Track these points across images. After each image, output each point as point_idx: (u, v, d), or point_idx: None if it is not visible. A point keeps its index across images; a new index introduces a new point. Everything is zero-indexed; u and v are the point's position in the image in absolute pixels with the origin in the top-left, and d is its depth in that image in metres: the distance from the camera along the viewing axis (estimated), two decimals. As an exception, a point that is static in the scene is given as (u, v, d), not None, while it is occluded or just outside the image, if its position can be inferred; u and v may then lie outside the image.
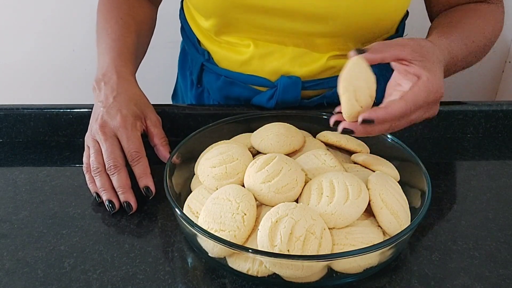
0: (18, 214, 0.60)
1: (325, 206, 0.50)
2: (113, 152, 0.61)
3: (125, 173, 0.61)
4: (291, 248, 0.46)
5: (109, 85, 0.67)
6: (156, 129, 0.66)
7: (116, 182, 0.61)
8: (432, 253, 0.54)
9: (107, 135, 0.62)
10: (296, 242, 0.47)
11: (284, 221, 0.48)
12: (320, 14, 0.68)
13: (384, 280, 0.51)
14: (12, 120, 0.74)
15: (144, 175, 0.62)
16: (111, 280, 0.51)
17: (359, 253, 0.46)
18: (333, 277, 0.50)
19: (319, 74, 0.76)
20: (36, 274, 0.52)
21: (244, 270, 0.49)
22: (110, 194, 0.60)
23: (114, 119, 0.63)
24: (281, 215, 0.48)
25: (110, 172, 0.61)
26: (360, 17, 0.68)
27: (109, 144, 0.62)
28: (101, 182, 0.61)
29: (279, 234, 0.47)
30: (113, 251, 0.55)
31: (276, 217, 0.48)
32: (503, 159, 0.72)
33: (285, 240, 0.46)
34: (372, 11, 0.68)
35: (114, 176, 0.61)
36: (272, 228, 0.47)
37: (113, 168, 0.61)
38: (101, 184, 0.61)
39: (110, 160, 0.61)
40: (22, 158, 0.72)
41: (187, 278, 0.51)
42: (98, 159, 0.62)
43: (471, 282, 0.51)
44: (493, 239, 0.56)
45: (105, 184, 0.61)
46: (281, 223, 0.47)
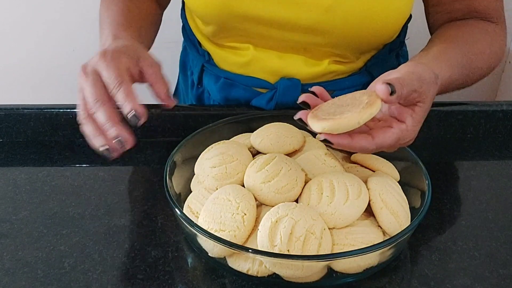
0: (18, 214, 0.60)
1: (325, 206, 0.50)
2: (94, 86, 0.54)
3: (111, 107, 0.53)
4: (291, 248, 0.46)
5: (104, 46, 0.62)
6: (152, 68, 0.58)
7: (101, 117, 0.53)
8: (432, 253, 0.54)
9: (87, 74, 0.56)
10: (296, 242, 0.47)
11: (284, 221, 0.48)
12: (316, 27, 0.68)
13: (384, 280, 0.51)
14: (12, 120, 0.74)
15: (128, 99, 0.53)
16: (111, 280, 0.51)
17: (359, 253, 0.46)
18: (333, 277, 0.50)
19: (319, 78, 0.75)
20: (36, 274, 0.52)
21: (244, 270, 0.49)
22: (118, 128, 0.52)
23: (95, 57, 0.57)
24: (281, 215, 0.48)
25: (93, 109, 0.53)
26: (358, 30, 0.68)
27: (90, 81, 0.55)
28: (104, 115, 0.53)
29: (279, 234, 0.47)
30: (113, 251, 0.55)
31: (276, 217, 0.48)
32: (503, 159, 0.72)
33: (285, 240, 0.46)
34: (370, 24, 0.68)
35: (98, 112, 0.53)
36: (272, 228, 0.47)
37: (95, 103, 0.53)
38: (106, 117, 0.52)
39: (90, 97, 0.53)
40: (22, 158, 0.72)
41: (187, 278, 0.51)
42: (88, 96, 0.54)
43: (471, 282, 0.51)
44: (493, 239, 0.56)
45: (109, 117, 0.53)
46: (281, 223, 0.47)
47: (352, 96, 0.50)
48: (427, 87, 0.52)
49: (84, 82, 0.55)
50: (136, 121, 0.52)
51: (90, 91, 0.54)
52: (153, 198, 0.62)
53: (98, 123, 0.53)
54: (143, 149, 0.72)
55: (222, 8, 0.68)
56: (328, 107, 0.50)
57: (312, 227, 0.48)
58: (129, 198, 0.63)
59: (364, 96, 0.49)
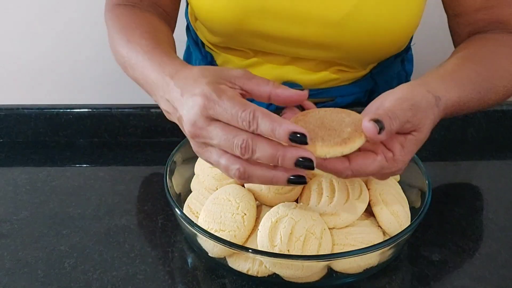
0: (18, 214, 0.60)
1: (325, 206, 0.50)
2: (226, 131, 0.43)
3: (261, 138, 0.43)
4: (291, 248, 0.46)
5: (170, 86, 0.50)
6: (252, 81, 0.46)
7: (262, 150, 0.42)
8: (432, 253, 0.54)
9: (205, 125, 0.44)
10: (296, 242, 0.47)
11: (284, 221, 0.48)
12: (325, 43, 0.68)
13: (384, 280, 0.51)
14: (12, 120, 0.74)
15: (277, 122, 0.41)
16: (111, 280, 0.51)
17: (359, 253, 0.46)
18: (333, 277, 0.50)
19: (322, 84, 0.75)
20: (36, 274, 0.52)
21: (244, 270, 0.49)
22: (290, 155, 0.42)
23: (190, 112, 0.45)
24: (281, 215, 0.48)
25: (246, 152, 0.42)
26: (367, 45, 0.68)
27: (214, 128, 0.43)
28: (263, 148, 0.42)
29: (279, 234, 0.47)
30: (113, 251, 0.55)
31: (276, 217, 0.48)
32: (503, 159, 0.72)
33: (285, 240, 0.46)
34: (379, 38, 0.67)
35: (257, 149, 0.42)
36: (272, 228, 0.47)
37: (243, 147, 0.42)
38: (267, 147, 0.42)
39: (231, 142, 0.43)
40: (22, 158, 0.72)
41: (187, 278, 0.51)
42: (226, 145, 0.43)
43: (471, 282, 0.51)
44: (493, 239, 0.56)
45: (270, 145, 0.42)
46: (281, 223, 0.48)
47: (339, 119, 0.45)
48: (423, 114, 0.47)
49: (209, 133, 0.44)
50: (310, 165, 0.42)
51: (225, 139, 0.43)
52: (153, 198, 0.62)
53: (264, 158, 0.42)
54: (143, 149, 0.72)
55: (236, 25, 0.68)
56: (313, 123, 0.45)
57: (312, 227, 0.48)
58: (129, 198, 0.63)
59: (348, 128, 0.44)
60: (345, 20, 0.65)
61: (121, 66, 0.62)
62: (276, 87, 0.46)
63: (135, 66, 0.57)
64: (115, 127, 0.74)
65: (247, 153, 0.42)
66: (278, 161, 0.42)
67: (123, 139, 0.74)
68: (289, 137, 0.41)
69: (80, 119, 0.74)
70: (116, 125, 0.74)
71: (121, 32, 0.63)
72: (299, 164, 0.42)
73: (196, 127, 0.44)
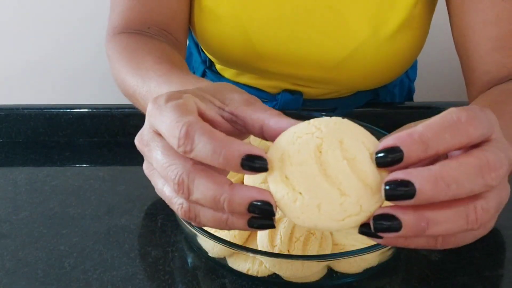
0: (18, 214, 0.60)
1: (325, 206, 0.50)
2: (163, 153, 0.33)
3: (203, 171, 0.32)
4: (291, 248, 0.46)
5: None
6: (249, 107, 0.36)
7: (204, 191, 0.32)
8: (432, 253, 0.54)
9: (149, 141, 0.35)
10: (296, 242, 0.47)
11: (284, 221, 0.48)
12: (322, 81, 0.69)
13: (384, 280, 0.51)
14: (12, 120, 0.74)
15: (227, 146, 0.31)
16: (111, 280, 0.51)
17: (359, 253, 0.46)
18: (333, 277, 0.50)
19: (322, 96, 0.75)
20: (36, 274, 0.52)
21: (244, 270, 0.49)
22: None
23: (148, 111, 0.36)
24: (281, 215, 0.48)
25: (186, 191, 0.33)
26: (365, 82, 0.68)
27: (154, 147, 0.34)
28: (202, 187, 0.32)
29: (279, 234, 0.47)
30: (113, 251, 0.55)
31: (276, 217, 0.48)
32: (503, 159, 0.72)
33: (285, 240, 0.46)
34: (377, 75, 0.68)
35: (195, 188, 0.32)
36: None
37: (176, 183, 0.32)
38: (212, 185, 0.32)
39: (167, 174, 0.33)
40: (22, 158, 0.72)
41: (187, 278, 0.51)
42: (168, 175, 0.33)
43: (471, 282, 0.51)
44: (493, 239, 0.56)
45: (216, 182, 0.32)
46: (281, 223, 0.47)
47: (342, 168, 0.31)
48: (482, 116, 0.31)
49: (146, 155, 0.35)
50: (258, 165, 0.31)
51: (161, 166, 0.33)
52: (153, 198, 0.62)
53: (204, 201, 0.32)
54: (143, 149, 0.72)
55: (232, 61, 0.70)
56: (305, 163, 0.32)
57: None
58: (129, 198, 0.63)
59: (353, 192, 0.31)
60: (343, 64, 0.65)
61: (129, 98, 0.56)
62: (271, 116, 0.35)
63: (147, 94, 0.50)
64: (115, 127, 0.74)
65: (181, 192, 0.32)
66: (223, 206, 0.31)
67: (123, 139, 0.74)
68: (240, 163, 0.30)
69: (80, 119, 0.74)
70: (116, 125, 0.74)
71: (128, 60, 0.56)
72: (252, 210, 0.31)
73: (141, 141, 0.35)
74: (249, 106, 0.36)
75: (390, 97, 0.82)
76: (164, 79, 0.48)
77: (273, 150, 0.33)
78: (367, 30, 0.63)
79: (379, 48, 0.64)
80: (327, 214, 0.31)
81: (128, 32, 0.64)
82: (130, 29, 0.64)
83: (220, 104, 0.36)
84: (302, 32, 0.65)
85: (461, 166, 0.29)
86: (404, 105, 0.80)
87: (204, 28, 0.67)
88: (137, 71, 0.54)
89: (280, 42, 0.66)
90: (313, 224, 0.31)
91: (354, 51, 0.64)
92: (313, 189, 0.31)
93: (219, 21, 0.66)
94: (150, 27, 0.64)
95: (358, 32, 0.63)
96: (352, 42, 0.64)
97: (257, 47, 0.66)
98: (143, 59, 0.55)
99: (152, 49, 0.58)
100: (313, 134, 0.32)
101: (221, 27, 0.66)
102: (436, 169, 0.28)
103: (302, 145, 0.32)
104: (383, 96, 0.79)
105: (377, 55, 0.64)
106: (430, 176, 0.28)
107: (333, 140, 0.32)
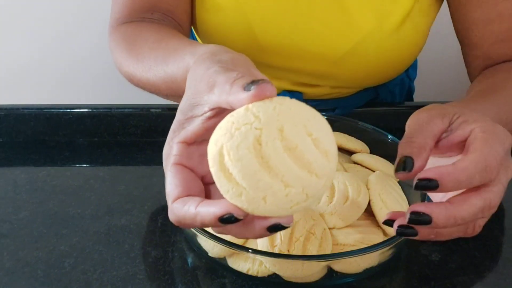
0: (18, 214, 0.60)
1: (325, 206, 0.50)
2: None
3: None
4: (291, 248, 0.46)
5: None
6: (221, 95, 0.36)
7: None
8: (432, 253, 0.54)
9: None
10: (296, 242, 0.47)
11: (284, 221, 0.48)
12: (324, 76, 0.69)
13: (384, 280, 0.51)
14: (12, 120, 0.74)
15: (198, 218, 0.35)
16: (111, 280, 0.51)
17: (359, 253, 0.46)
18: (333, 277, 0.50)
19: (323, 96, 0.75)
20: (36, 274, 0.52)
21: (244, 270, 0.49)
22: None
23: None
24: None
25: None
26: (367, 77, 0.68)
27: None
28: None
29: (279, 234, 0.47)
30: (113, 251, 0.55)
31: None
32: (503, 159, 0.72)
33: (285, 240, 0.46)
34: (378, 72, 0.67)
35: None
36: (272, 228, 0.47)
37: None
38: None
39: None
40: (22, 158, 0.71)
41: (187, 278, 0.51)
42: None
43: (471, 282, 0.51)
44: (493, 239, 0.56)
45: None
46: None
47: (283, 160, 0.31)
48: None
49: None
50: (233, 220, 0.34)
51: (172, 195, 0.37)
52: (153, 198, 0.62)
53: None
54: (143, 149, 0.72)
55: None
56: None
57: (313, 227, 0.48)
58: (129, 198, 0.63)
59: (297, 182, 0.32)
60: (346, 58, 0.65)
61: (142, 87, 0.57)
62: (229, 93, 0.35)
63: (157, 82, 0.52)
64: (115, 127, 0.74)
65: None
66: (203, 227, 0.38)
67: (123, 139, 0.74)
68: (219, 221, 0.33)
69: (80, 119, 0.74)
70: (116, 125, 0.74)
71: (128, 52, 0.58)
72: (224, 222, 0.34)
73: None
74: (213, 90, 0.36)
75: (390, 96, 0.82)
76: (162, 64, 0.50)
77: (212, 143, 0.33)
78: (371, 22, 0.63)
79: (383, 41, 0.64)
80: (274, 204, 0.32)
81: (130, 21, 0.64)
82: (133, 17, 0.64)
83: (201, 110, 0.37)
84: (305, 24, 0.65)
85: (470, 208, 0.37)
86: (404, 105, 0.80)
87: (205, 19, 0.67)
88: (137, 63, 0.56)
89: (283, 34, 0.66)
90: (262, 213, 0.32)
91: (358, 44, 0.64)
92: (256, 184, 0.31)
93: (221, 12, 0.66)
94: (154, 13, 0.65)
95: (362, 24, 0.64)
96: (356, 34, 0.64)
97: (260, 39, 0.66)
98: (141, 50, 0.56)
99: (148, 35, 0.58)
100: (252, 125, 0.32)
101: (223, 18, 0.66)
102: (451, 210, 0.36)
103: (241, 138, 0.31)
104: (383, 95, 0.79)
105: (380, 48, 0.64)
106: (445, 215, 0.36)
107: (272, 130, 0.31)
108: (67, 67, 1.40)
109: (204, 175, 0.38)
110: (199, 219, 0.34)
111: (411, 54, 0.67)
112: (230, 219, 0.33)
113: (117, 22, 0.65)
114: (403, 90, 0.85)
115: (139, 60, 0.56)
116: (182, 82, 0.44)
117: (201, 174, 0.38)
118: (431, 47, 0.79)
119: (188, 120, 0.38)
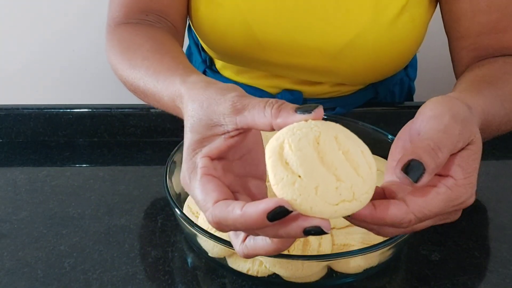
0: (18, 214, 0.60)
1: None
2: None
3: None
4: (291, 248, 0.46)
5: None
6: (245, 115, 0.38)
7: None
8: (432, 253, 0.54)
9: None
10: (296, 242, 0.47)
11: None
12: (323, 71, 0.69)
13: (384, 280, 0.51)
14: (12, 120, 0.74)
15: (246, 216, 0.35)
16: (111, 280, 0.51)
17: (359, 253, 0.46)
18: (333, 277, 0.50)
19: (322, 95, 0.75)
20: (36, 274, 0.52)
21: (244, 270, 0.49)
22: None
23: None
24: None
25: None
26: (366, 72, 0.68)
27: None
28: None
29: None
30: (113, 251, 0.55)
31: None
32: (503, 159, 0.72)
33: (285, 240, 0.46)
34: (378, 67, 0.67)
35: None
36: (272, 228, 0.47)
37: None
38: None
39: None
40: (22, 158, 0.71)
41: (187, 278, 0.51)
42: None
43: (471, 282, 0.51)
44: (493, 239, 0.56)
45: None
46: (281, 223, 0.47)
47: (338, 157, 0.35)
48: (470, 122, 0.40)
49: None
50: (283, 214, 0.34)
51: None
52: (153, 198, 0.62)
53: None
54: (143, 149, 0.72)
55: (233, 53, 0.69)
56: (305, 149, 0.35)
57: (312, 227, 0.48)
58: (129, 198, 0.63)
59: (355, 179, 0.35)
60: (343, 52, 0.65)
61: (133, 93, 0.58)
62: (275, 116, 0.36)
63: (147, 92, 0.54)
64: (115, 127, 0.74)
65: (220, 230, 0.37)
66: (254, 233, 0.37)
67: (123, 139, 0.74)
68: (267, 217, 0.33)
69: (79, 119, 0.74)
70: (116, 125, 0.74)
71: (121, 56, 0.59)
72: (272, 219, 0.34)
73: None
74: (243, 112, 0.38)
75: (390, 96, 0.82)
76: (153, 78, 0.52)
77: (274, 138, 0.36)
78: (368, 15, 0.64)
79: (381, 34, 0.64)
80: (323, 196, 0.34)
81: (127, 22, 0.65)
82: (129, 18, 0.65)
83: (222, 130, 0.39)
84: (303, 19, 0.65)
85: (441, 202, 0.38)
86: (404, 105, 0.80)
87: (203, 16, 0.67)
88: (130, 69, 0.57)
89: (281, 29, 0.66)
90: (309, 207, 0.34)
91: (356, 37, 0.64)
92: (311, 173, 0.34)
93: (219, 9, 0.66)
94: (149, 15, 0.65)
95: (359, 18, 0.64)
96: (353, 28, 0.64)
97: (258, 35, 0.66)
98: (134, 55, 0.57)
99: (142, 41, 0.59)
100: (312, 129, 0.35)
101: (221, 15, 0.66)
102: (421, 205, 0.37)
103: (302, 135, 0.35)
104: (383, 95, 0.79)
105: (378, 41, 0.64)
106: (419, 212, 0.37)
107: (329, 134, 0.35)
108: (67, 67, 1.40)
109: (228, 185, 0.39)
110: (242, 220, 0.34)
111: (409, 47, 0.67)
112: (280, 213, 0.33)
113: (114, 21, 0.66)
114: (403, 90, 0.85)
115: (131, 66, 0.57)
116: (169, 102, 0.49)
117: (226, 185, 0.39)
118: (431, 47, 0.79)
119: (207, 139, 0.40)
